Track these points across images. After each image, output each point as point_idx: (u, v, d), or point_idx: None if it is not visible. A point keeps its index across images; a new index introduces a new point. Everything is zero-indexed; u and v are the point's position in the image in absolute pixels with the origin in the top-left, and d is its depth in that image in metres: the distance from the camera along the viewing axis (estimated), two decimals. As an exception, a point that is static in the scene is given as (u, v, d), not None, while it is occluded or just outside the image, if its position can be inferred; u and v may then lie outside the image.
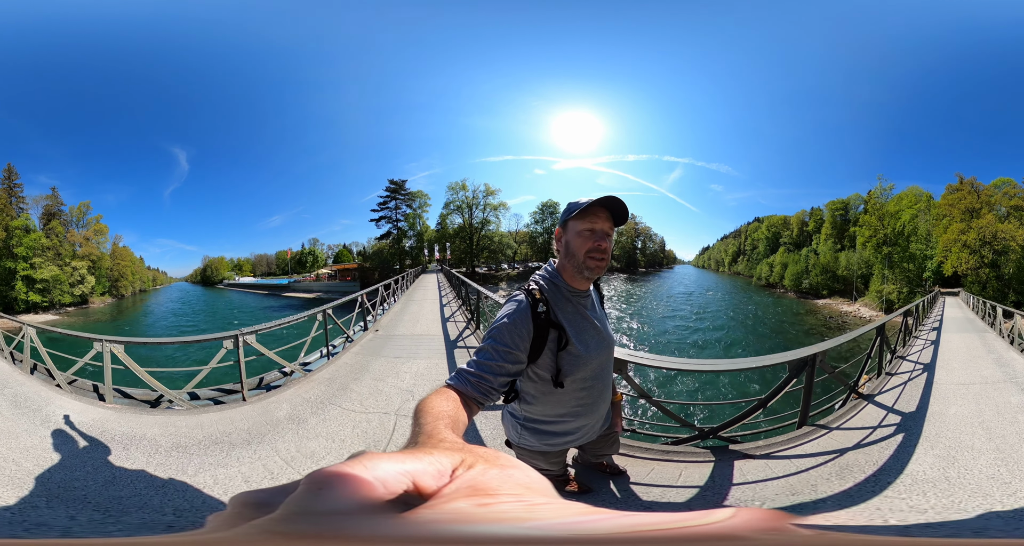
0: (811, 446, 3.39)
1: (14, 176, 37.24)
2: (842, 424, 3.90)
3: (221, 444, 3.77)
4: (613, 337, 1.65)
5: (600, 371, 1.57)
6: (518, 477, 0.33)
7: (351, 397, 4.95)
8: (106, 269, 42.46)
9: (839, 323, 32.37)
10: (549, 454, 1.73)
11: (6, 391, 5.21)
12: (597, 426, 1.74)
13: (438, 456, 0.35)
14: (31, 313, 34.10)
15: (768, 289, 49.98)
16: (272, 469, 3.33)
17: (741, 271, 62.59)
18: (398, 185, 53.18)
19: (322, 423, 4.24)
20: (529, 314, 1.34)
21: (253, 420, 4.38)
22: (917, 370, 6.18)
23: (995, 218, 29.83)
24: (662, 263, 76.29)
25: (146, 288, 53.71)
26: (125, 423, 4.27)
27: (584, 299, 1.51)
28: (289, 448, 3.68)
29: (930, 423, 3.88)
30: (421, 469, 0.33)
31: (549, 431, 1.62)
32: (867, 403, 4.44)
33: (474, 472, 0.33)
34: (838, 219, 43.56)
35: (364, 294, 10.18)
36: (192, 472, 3.22)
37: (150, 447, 3.68)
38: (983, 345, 9.14)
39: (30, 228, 36.43)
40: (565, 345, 1.41)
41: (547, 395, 1.50)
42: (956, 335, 10.57)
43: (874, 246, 35.36)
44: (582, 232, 1.38)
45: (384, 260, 51.22)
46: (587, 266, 1.39)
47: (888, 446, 3.29)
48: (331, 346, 7.65)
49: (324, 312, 7.43)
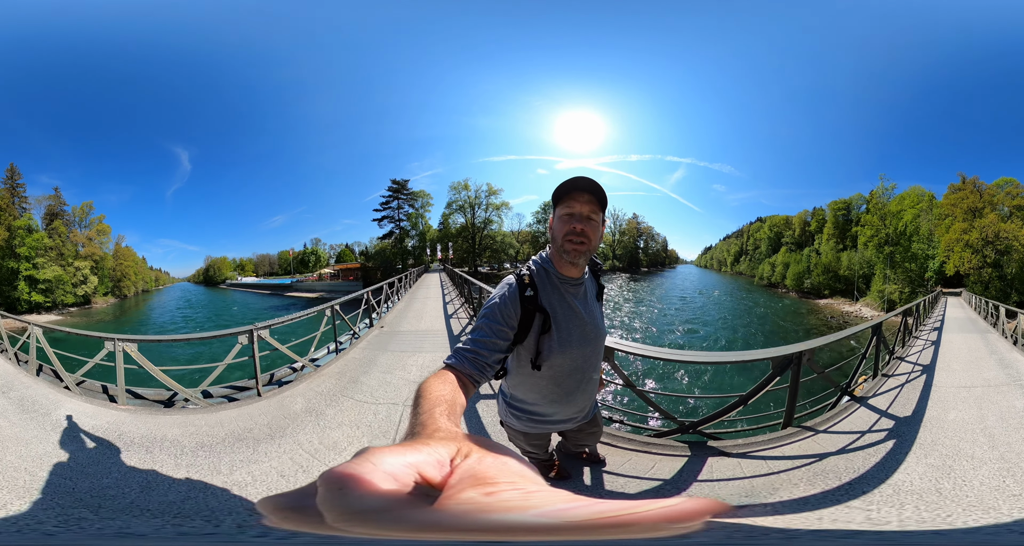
0: (791, 448, 3.31)
1: (17, 176, 37.32)
2: (830, 427, 3.76)
3: (246, 440, 3.75)
4: (603, 331, 1.65)
5: (582, 362, 1.57)
6: (512, 465, 0.35)
7: (362, 389, 5.06)
8: (109, 269, 42.53)
9: (840, 323, 32.23)
10: (530, 435, 1.79)
11: (11, 394, 5.09)
12: (577, 417, 1.77)
13: (435, 446, 0.38)
14: (34, 313, 34.19)
15: (770, 289, 49.87)
16: (300, 462, 3.33)
17: (743, 271, 62.45)
18: (400, 185, 53.26)
19: (339, 414, 4.29)
20: (517, 296, 1.39)
21: (271, 415, 4.39)
22: (916, 372, 6.02)
23: (998, 218, 29.72)
24: (664, 263, 76.15)
25: (148, 288, 53.81)
26: (142, 424, 4.18)
27: (575, 287, 1.52)
28: (312, 440, 3.72)
29: (926, 429, 3.71)
30: (423, 460, 0.35)
31: (527, 410, 1.68)
32: (860, 406, 4.32)
33: (471, 461, 0.35)
34: (840, 219, 43.44)
35: (369, 292, 10.29)
36: (227, 471, 3.19)
37: (174, 448, 3.59)
38: (985, 346, 8.99)
39: (33, 228, 36.51)
40: (547, 330, 1.45)
41: (527, 377, 1.55)
42: (958, 335, 10.44)
43: (876, 246, 35.25)
44: (562, 217, 1.42)
45: (386, 260, 51.28)
46: (565, 249, 1.42)
47: (875, 452, 3.16)
48: (338, 342, 7.82)
49: (332, 308, 7.61)
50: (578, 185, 1.39)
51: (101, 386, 5.82)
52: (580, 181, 1.39)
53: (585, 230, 1.40)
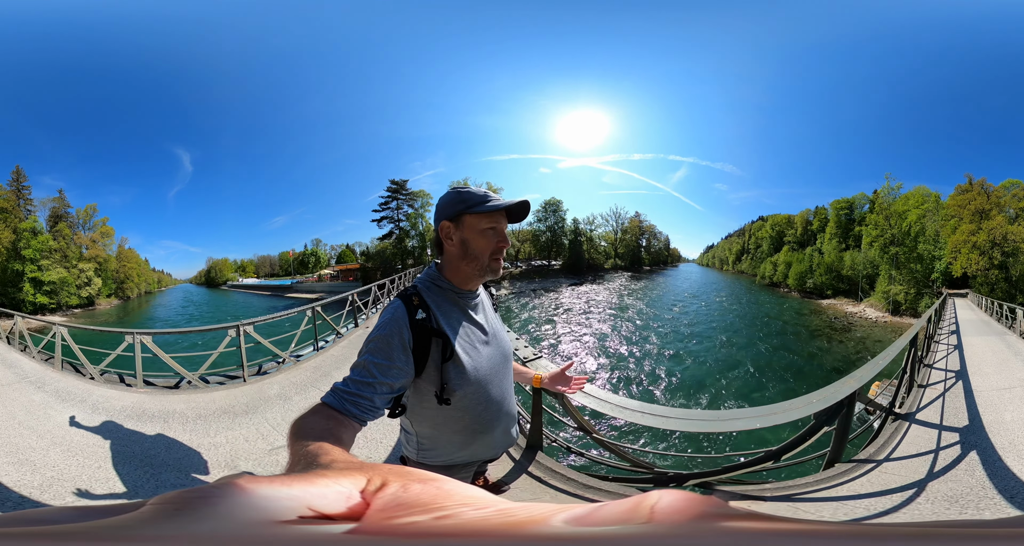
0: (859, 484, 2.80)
1: (22, 178, 37.20)
2: (891, 454, 3.35)
3: (228, 413, 4.84)
4: (509, 343, 1.48)
5: (497, 381, 1.38)
6: (448, 487, 0.28)
7: (330, 382, 5.75)
8: (112, 271, 42.46)
9: (844, 324, 32.21)
10: (455, 466, 1.47)
11: (47, 388, 5.61)
12: (501, 444, 1.52)
13: (336, 478, 0.29)
14: (39, 315, 34.14)
15: (772, 288, 49.85)
16: (263, 432, 4.34)
17: (745, 270, 62.46)
18: (399, 185, 53.15)
19: (304, 400, 5.02)
20: (406, 321, 1.20)
21: (251, 397, 5.41)
22: (950, 378, 5.97)
23: (1005, 220, 29.79)
24: (666, 261, 76.04)
25: (151, 290, 53.68)
26: (158, 403, 5.15)
27: (473, 300, 1.36)
28: (276, 417, 4.70)
29: (995, 433, 3.59)
30: (317, 493, 0.27)
31: (442, 452, 1.42)
32: (909, 423, 3.98)
33: (392, 490, 0.28)
34: (843, 218, 43.45)
35: (355, 293, 10.45)
36: (212, 434, 4.26)
37: (182, 419, 4.65)
38: (1007, 348, 9.05)
39: (38, 230, 36.40)
40: (451, 356, 1.24)
41: (434, 412, 1.30)
42: (976, 338, 10.49)
43: (881, 246, 35.27)
44: (485, 231, 1.27)
45: (386, 260, 51.22)
46: (491, 268, 1.30)
47: (969, 468, 2.96)
48: (320, 340, 8.51)
49: (313, 309, 8.34)
50: (517, 209, 1.28)
51: (118, 375, 6.64)
52: (523, 206, 1.28)
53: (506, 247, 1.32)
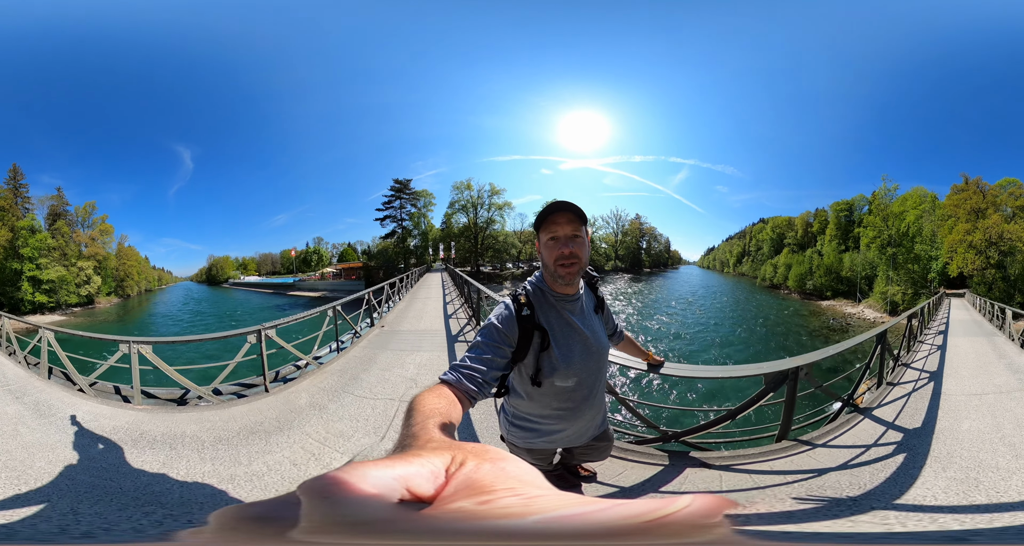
0: (783, 462, 3.11)
1: (20, 176, 37.39)
2: (829, 440, 3.54)
3: (258, 433, 3.91)
4: (606, 344, 1.67)
5: (585, 377, 1.58)
6: (510, 470, 0.33)
7: (362, 385, 5.26)
8: (112, 269, 42.63)
9: (843, 325, 32.16)
10: (534, 451, 1.79)
11: (26, 399, 4.97)
12: (584, 433, 1.77)
13: (428, 457, 0.35)
14: (37, 314, 34.31)
15: (772, 290, 49.75)
16: (311, 450, 3.50)
17: (745, 272, 62.32)
18: (403, 184, 53.30)
19: (340, 408, 4.51)
20: (514, 316, 1.42)
21: (279, 409, 4.56)
22: (923, 379, 5.86)
23: (1001, 219, 29.61)
24: (667, 263, 75.94)
25: (152, 288, 53.89)
26: (161, 423, 4.23)
27: (571, 304, 1.54)
28: (318, 431, 3.91)
29: (939, 440, 3.53)
30: (413, 472, 0.32)
31: (531, 428, 1.68)
32: (863, 417, 4.10)
33: (467, 469, 0.33)
34: (842, 220, 43.33)
35: (370, 292, 10.42)
36: (245, 462, 3.31)
37: (196, 444, 3.69)
38: (993, 350, 8.84)
39: (36, 228, 36.59)
40: (547, 347, 1.47)
41: (530, 393, 1.56)
42: (964, 339, 10.31)
43: (878, 247, 35.14)
44: (547, 243, 1.45)
45: (389, 259, 51.38)
46: (559, 274, 1.45)
47: (883, 467, 2.99)
48: (340, 341, 8.10)
49: (334, 309, 7.98)
50: (555, 208, 1.43)
51: (113, 387, 5.81)
52: (556, 204, 1.42)
53: (573, 251, 1.43)
